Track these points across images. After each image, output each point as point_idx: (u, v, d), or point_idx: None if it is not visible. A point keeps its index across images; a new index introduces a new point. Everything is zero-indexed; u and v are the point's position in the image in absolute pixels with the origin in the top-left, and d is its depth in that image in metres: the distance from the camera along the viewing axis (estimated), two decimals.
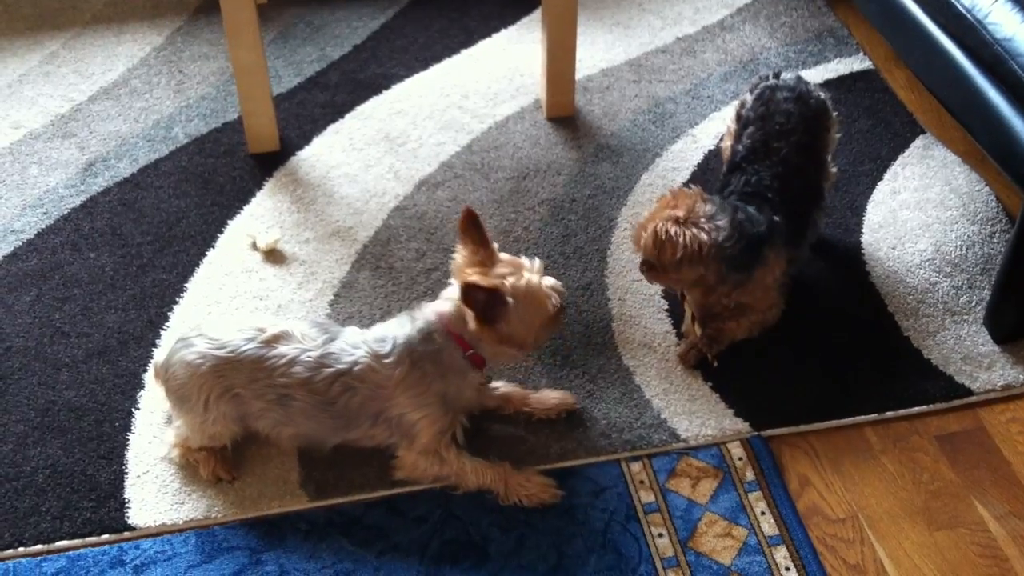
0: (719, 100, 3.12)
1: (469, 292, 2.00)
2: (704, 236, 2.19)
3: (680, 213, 2.22)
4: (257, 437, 2.23)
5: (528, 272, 2.09)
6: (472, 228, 2.10)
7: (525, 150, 2.96)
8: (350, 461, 2.21)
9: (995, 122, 2.43)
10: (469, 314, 2.05)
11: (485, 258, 2.09)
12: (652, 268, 2.29)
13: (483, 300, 2.01)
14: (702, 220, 2.22)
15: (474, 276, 2.04)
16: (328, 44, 3.34)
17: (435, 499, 2.14)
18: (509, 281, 2.05)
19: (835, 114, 2.53)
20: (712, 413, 2.30)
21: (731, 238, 2.22)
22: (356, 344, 2.10)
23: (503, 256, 2.12)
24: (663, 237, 2.20)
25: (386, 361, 2.07)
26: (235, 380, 2.08)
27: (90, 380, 2.37)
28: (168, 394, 2.16)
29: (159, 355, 2.20)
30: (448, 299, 2.12)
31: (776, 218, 2.31)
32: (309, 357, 2.07)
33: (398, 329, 2.11)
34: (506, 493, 2.12)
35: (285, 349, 2.08)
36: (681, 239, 2.19)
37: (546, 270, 2.15)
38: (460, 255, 2.12)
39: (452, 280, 2.15)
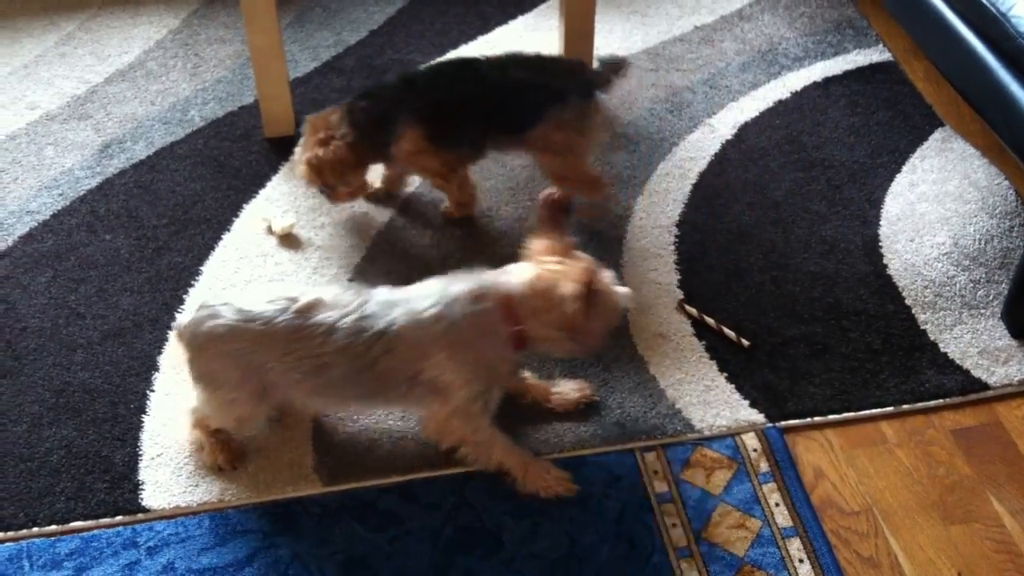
0: (737, 90, 3.10)
1: (588, 285, 2.00)
2: (339, 141, 2.50)
3: (321, 135, 2.50)
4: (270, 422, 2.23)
5: (604, 273, 2.09)
6: (558, 217, 2.12)
7: None
8: (364, 446, 2.21)
9: (1016, 115, 2.41)
10: (571, 299, 2.00)
11: (562, 250, 2.09)
12: (332, 188, 2.60)
13: (587, 292, 2.01)
14: (331, 132, 2.51)
15: (554, 265, 2.05)
16: (344, 29, 3.33)
17: (449, 486, 2.14)
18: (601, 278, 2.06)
19: None
20: (727, 404, 2.29)
21: (356, 123, 2.50)
22: (392, 303, 2.06)
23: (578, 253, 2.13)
24: (317, 163, 2.49)
25: (426, 316, 2.03)
26: (268, 355, 2.03)
27: (105, 362, 2.38)
28: (191, 364, 2.10)
29: (183, 318, 2.11)
30: (514, 273, 2.08)
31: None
32: (346, 322, 2.02)
33: (443, 287, 2.07)
34: (524, 481, 2.12)
35: (321, 317, 2.03)
36: (332, 154, 2.48)
37: None
38: (537, 242, 2.11)
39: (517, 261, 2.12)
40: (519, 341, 2.07)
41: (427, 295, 2.06)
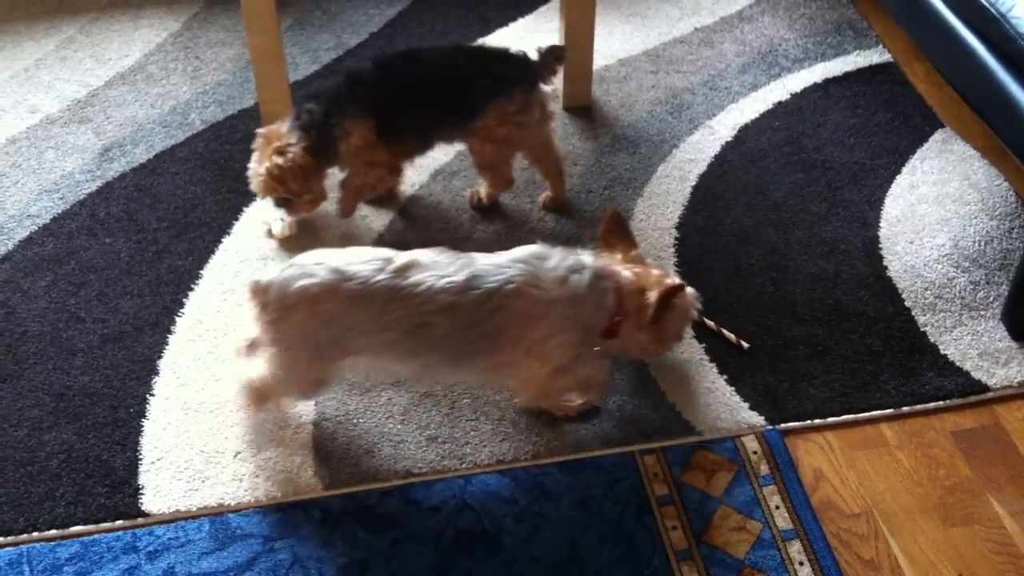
0: (737, 91, 3.10)
1: (675, 290, 2.10)
2: (296, 148, 2.48)
3: (276, 145, 2.48)
4: (266, 424, 2.23)
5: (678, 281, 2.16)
6: (618, 231, 2.19)
7: None
8: (364, 450, 2.21)
9: (1017, 117, 2.41)
10: (661, 302, 2.09)
11: (633, 259, 2.17)
12: (289, 202, 2.56)
13: (671, 295, 2.11)
14: (285, 140, 2.49)
15: (640, 270, 2.14)
16: (345, 31, 3.33)
17: (449, 489, 2.14)
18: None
19: None
20: (727, 406, 2.29)
21: (306, 127, 2.49)
22: (502, 264, 2.06)
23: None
24: (279, 172, 2.47)
25: (550, 278, 2.06)
26: (363, 315, 2.00)
27: (105, 366, 2.38)
28: (273, 325, 2.03)
29: (264, 276, 2.03)
30: (620, 268, 2.14)
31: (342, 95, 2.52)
32: (451, 282, 2.01)
33: (564, 257, 2.10)
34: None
35: (420, 276, 2.01)
36: (292, 161, 2.47)
37: None
38: (612, 250, 2.18)
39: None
40: (612, 331, 2.13)
41: (549, 256, 2.08)
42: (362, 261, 2.02)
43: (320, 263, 2.01)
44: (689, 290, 2.19)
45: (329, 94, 2.54)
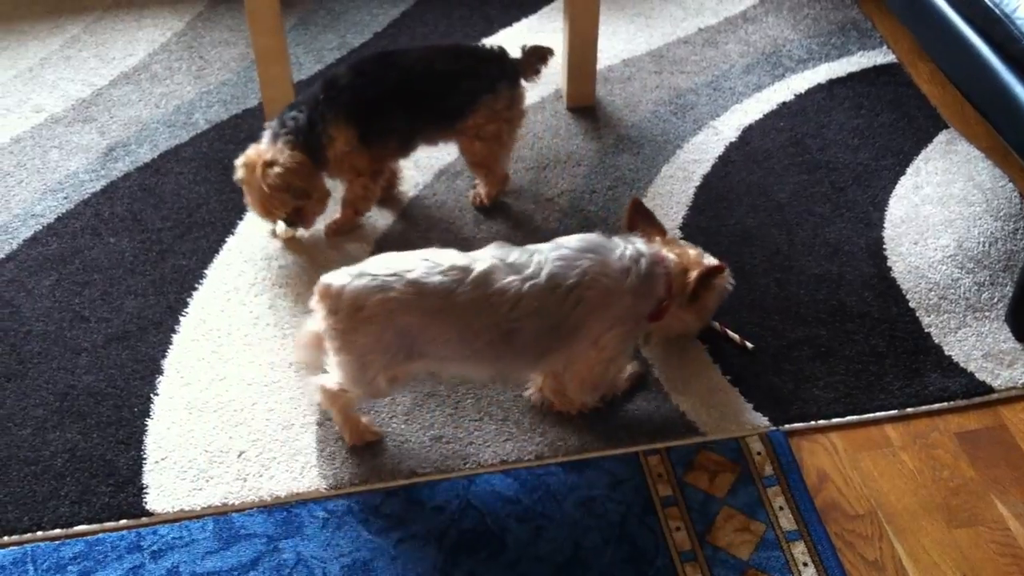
0: (741, 92, 3.10)
1: (715, 269, 2.17)
2: (286, 152, 2.46)
3: (266, 159, 2.46)
4: (270, 424, 2.24)
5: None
6: (644, 217, 2.23)
7: (545, 140, 2.95)
8: (368, 450, 2.21)
9: (1021, 117, 2.41)
10: (702, 281, 2.15)
11: (670, 242, 2.22)
12: (300, 212, 2.56)
13: (712, 275, 2.18)
14: (272, 155, 2.47)
15: (679, 250, 2.19)
16: (348, 31, 3.34)
17: (453, 489, 2.14)
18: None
19: None
20: (731, 407, 2.29)
21: (293, 134, 2.48)
22: (573, 256, 2.08)
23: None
24: (283, 174, 2.45)
25: (616, 268, 2.09)
26: (446, 327, 2.01)
27: (109, 365, 2.38)
28: (344, 334, 2.02)
29: (336, 281, 2.01)
30: (670, 251, 2.19)
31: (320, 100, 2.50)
32: (535, 284, 2.03)
33: (625, 247, 2.13)
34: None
35: (504, 283, 2.01)
36: (290, 161, 2.45)
37: None
38: (650, 232, 2.22)
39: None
40: (659, 314, 2.17)
41: (610, 246, 2.12)
42: (439, 272, 2.00)
43: (395, 275, 1.99)
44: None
45: (309, 102, 2.51)
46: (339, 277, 2.02)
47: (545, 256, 2.07)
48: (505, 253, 2.08)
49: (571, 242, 2.12)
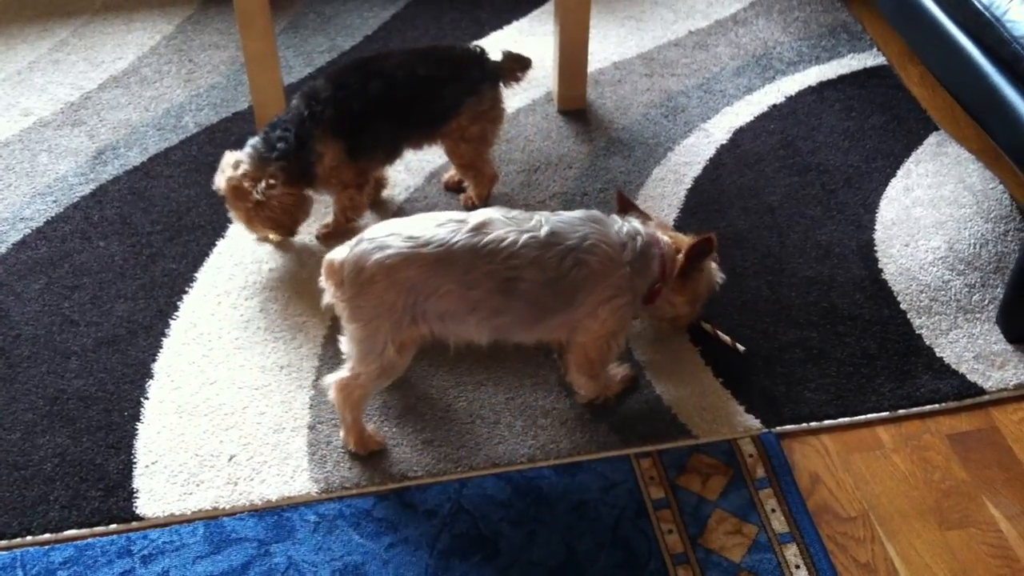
0: (731, 95, 3.11)
1: (705, 243, 2.17)
2: (277, 187, 2.47)
3: (259, 191, 2.46)
4: (261, 428, 2.23)
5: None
6: (630, 207, 2.24)
7: (536, 143, 2.95)
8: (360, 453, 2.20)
9: (1011, 120, 2.41)
10: (692, 266, 2.19)
11: (663, 226, 2.25)
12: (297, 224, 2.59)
13: (704, 250, 2.19)
14: (265, 180, 2.47)
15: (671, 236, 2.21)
16: (339, 34, 3.33)
17: (445, 492, 2.13)
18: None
19: None
20: (723, 409, 2.29)
21: (283, 158, 2.47)
22: (577, 222, 2.10)
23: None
24: (272, 215, 2.49)
25: (616, 239, 2.11)
26: (446, 277, 2.01)
27: (99, 369, 2.37)
28: (351, 302, 2.04)
29: (338, 255, 2.05)
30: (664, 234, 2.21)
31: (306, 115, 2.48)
32: (533, 236, 2.04)
33: (622, 223, 2.15)
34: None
35: (499, 233, 2.03)
36: (280, 205, 2.48)
37: None
38: (643, 217, 2.23)
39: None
40: (652, 297, 2.19)
41: (608, 220, 2.14)
42: (436, 225, 2.03)
43: (393, 233, 2.02)
44: (713, 264, 2.28)
45: (294, 120, 2.48)
46: (341, 251, 2.06)
47: (546, 217, 2.10)
48: (505, 211, 2.10)
49: (572, 213, 2.14)
